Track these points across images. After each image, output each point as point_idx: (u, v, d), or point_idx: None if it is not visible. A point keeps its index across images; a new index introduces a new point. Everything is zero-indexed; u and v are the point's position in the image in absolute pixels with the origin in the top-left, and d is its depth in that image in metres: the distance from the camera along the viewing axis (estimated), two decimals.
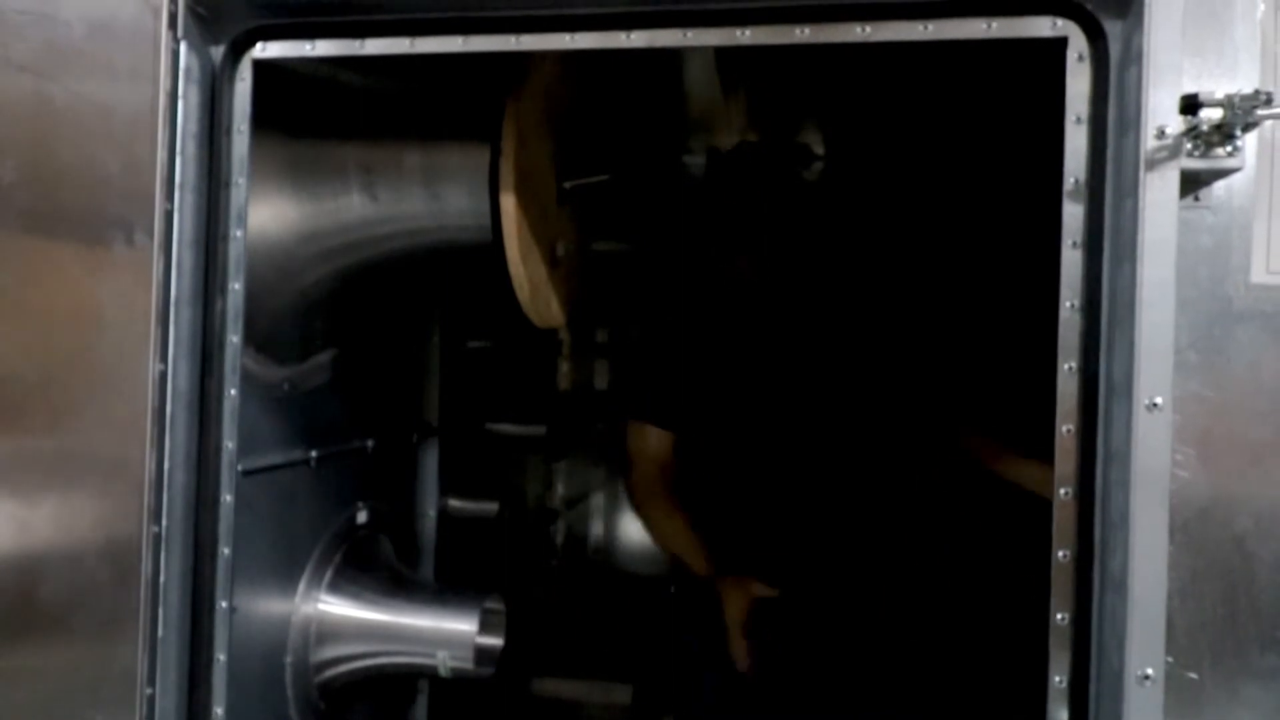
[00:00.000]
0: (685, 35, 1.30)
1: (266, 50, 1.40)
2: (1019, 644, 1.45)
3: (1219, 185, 1.16)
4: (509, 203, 1.62)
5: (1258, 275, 1.17)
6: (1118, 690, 1.12)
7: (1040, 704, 1.22)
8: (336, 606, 1.90)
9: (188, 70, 1.35)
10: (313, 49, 1.40)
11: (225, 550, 1.43)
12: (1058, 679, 1.21)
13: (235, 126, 1.40)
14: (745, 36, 1.28)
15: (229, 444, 1.43)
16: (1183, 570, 1.15)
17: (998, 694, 2.04)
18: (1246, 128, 1.05)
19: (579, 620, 3.03)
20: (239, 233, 1.42)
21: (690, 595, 1.99)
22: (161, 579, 1.36)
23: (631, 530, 3.37)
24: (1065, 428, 1.21)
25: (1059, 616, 1.21)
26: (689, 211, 2.09)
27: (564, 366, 3.29)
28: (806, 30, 1.26)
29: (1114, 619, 1.15)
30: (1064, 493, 1.22)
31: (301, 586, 1.86)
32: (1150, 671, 1.10)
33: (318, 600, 1.88)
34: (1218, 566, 1.17)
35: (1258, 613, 1.17)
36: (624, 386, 2.01)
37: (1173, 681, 1.13)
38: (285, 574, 1.81)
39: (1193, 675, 1.16)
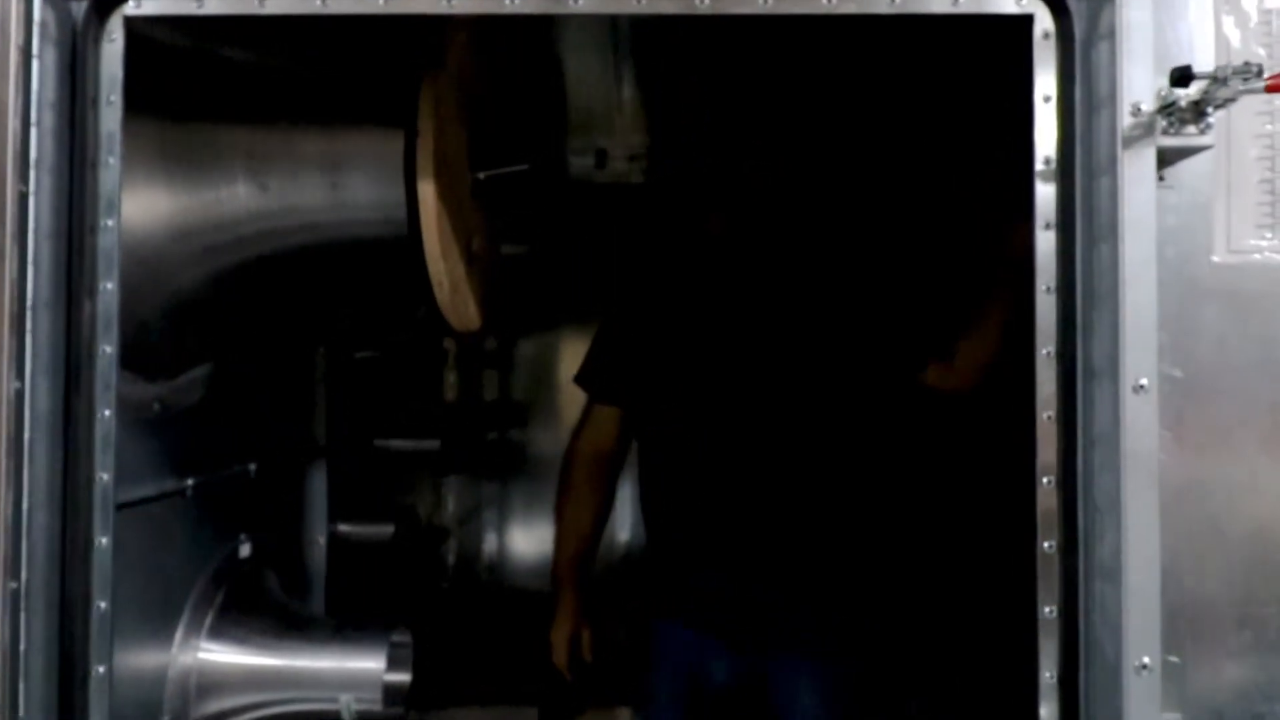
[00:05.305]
0: (639, 2, 1.19)
1: (142, 6, 1.18)
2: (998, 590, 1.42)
3: (1181, 164, 1.16)
4: (428, 191, 1.47)
5: (1219, 255, 1.18)
6: (1114, 682, 1.09)
7: (1030, 697, 1.18)
8: (220, 654, 1.74)
9: (43, 25, 1.12)
10: (200, 6, 1.19)
11: (102, 604, 1.20)
12: (1048, 674, 1.17)
13: (104, 96, 1.17)
14: (704, 5, 1.19)
15: (103, 475, 1.20)
16: (1163, 554, 1.14)
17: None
18: (1220, 105, 1.04)
19: (476, 644, 2.87)
20: (110, 222, 1.20)
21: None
22: (22, 646, 1.12)
23: (524, 546, 3.25)
24: (1045, 414, 1.19)
25: (1047, 610, 1.18)
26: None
27: (450, 377, 3.14)
28: (769, 1, 1.18)
29: (1104, 608, 1.12)
30: (1046, 481, 1.18)
31: (178, 635, 1.70)
32: (1147, 660, 1.08)
33: (197, 649, 1.72)
34: (1194, 548, 1.16)
35: (1232, 591, 1.17)
36: (583, 365, 1.97)
37: None
38: (159, 622, 1.65)
39: (1174, 659, 1.15)
